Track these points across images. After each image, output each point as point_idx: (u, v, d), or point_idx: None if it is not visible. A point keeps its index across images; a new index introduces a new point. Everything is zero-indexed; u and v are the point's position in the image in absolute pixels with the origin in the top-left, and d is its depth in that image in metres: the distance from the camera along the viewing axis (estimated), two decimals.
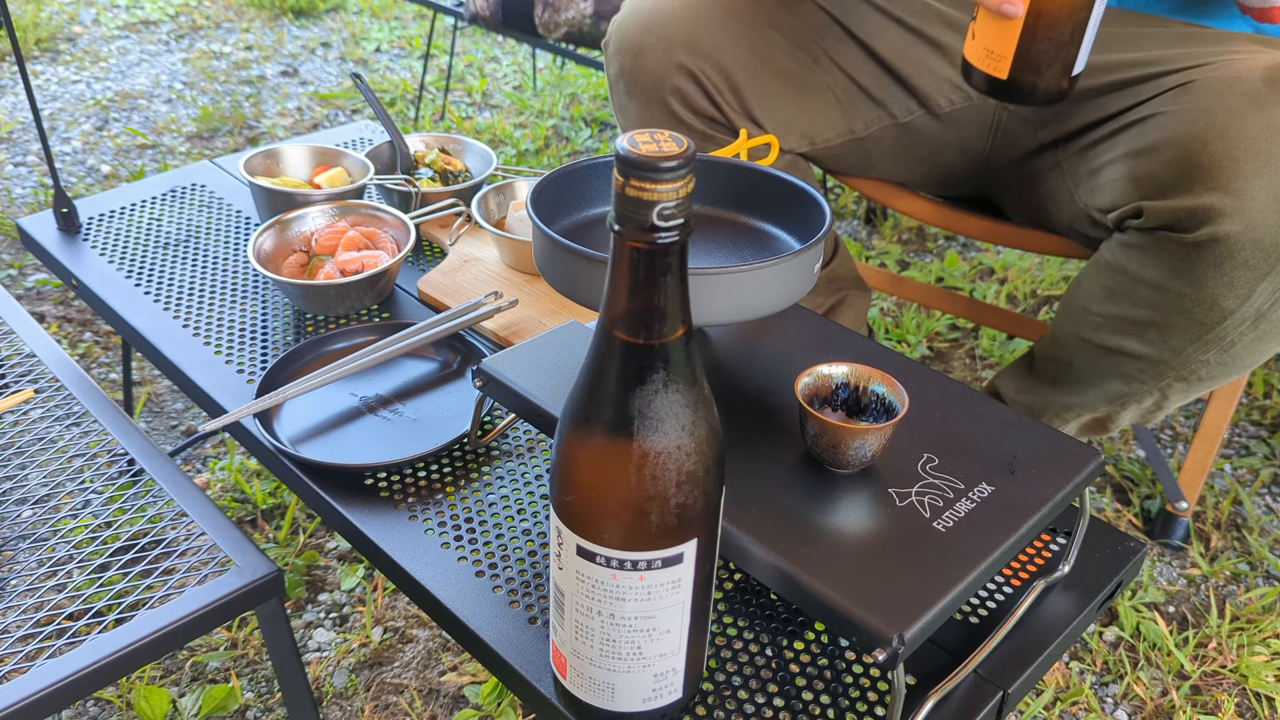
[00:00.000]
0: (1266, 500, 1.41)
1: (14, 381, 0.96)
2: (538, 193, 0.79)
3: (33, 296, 1.78)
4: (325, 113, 2.51)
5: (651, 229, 0.47)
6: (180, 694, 1.09)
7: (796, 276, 0.73)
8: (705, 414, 0.54)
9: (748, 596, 0.76)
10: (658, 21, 1.10)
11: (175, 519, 0.81)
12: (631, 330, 0.51)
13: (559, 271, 0.74)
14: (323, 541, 1.28)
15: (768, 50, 1.12)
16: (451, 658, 1.14)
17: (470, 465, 0.87)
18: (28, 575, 0.77)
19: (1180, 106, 0.91)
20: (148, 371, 1.59)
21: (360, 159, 1.22)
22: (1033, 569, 0.77)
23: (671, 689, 0.62)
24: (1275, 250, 0.84)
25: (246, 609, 0.76)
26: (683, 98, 1.11)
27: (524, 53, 2.86)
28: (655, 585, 0.56)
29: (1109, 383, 1.02)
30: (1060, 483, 0.68)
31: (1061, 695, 1.13)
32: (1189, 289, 0.88)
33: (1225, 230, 0.84)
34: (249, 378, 0.98)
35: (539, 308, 1.03)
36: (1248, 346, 0.91)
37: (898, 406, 0.68)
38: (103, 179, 2.15)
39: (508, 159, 2.26)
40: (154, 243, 1.19)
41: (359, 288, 1.04)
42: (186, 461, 1.41)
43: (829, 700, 0.68)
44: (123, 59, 2.78)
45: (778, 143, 1.06)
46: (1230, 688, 1.15)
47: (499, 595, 0.75)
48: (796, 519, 0.65)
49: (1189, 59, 0.95)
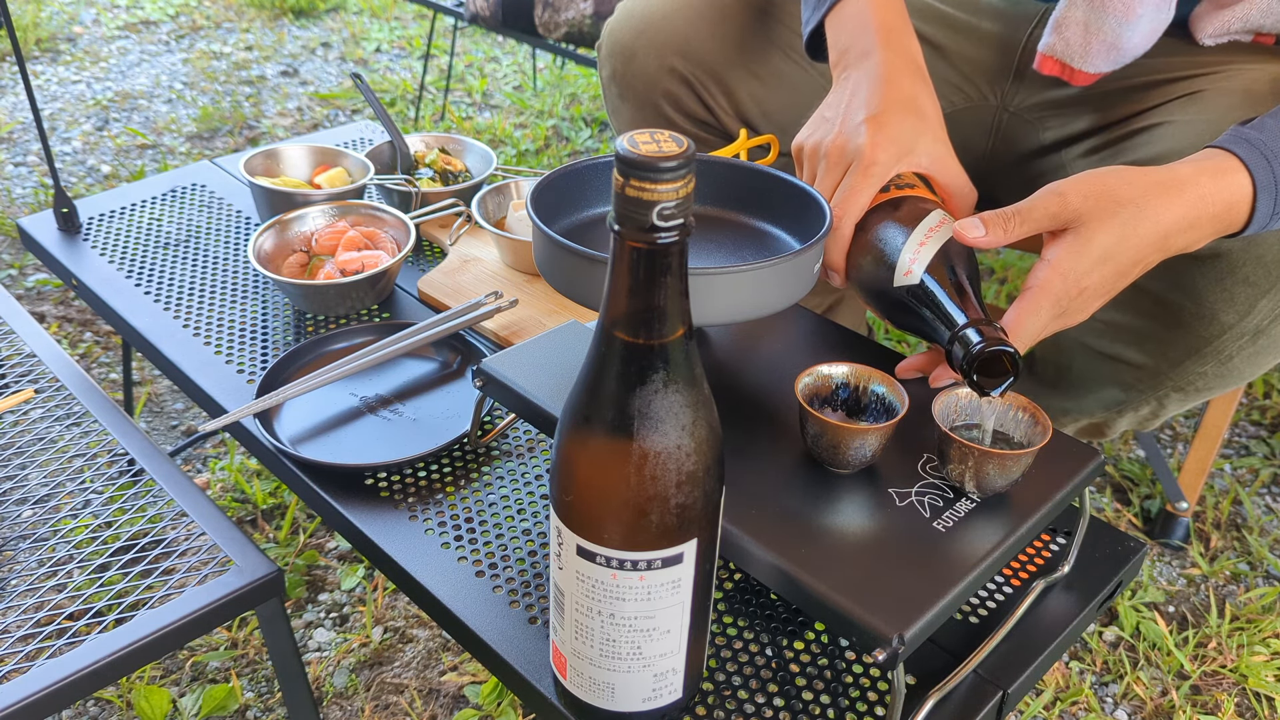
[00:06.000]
0: (1266, 500, 1.41)
1: (14, 381, 0.96)
2: (538, 193, 0.79)
3: (33, 296, 1.78)
4: (325, 113, 2.51)
5: (651, 229, 0.47)
6: (180, 694, 1.09)
7: (796, 276, 0.73)
8: (705, 414, 0.54)
9: (748, 596, 0.76)
10: (650, 25, 1.10)
11: (175, 519, 0.81)
12: (631, 330, 0.51)
13: (559, 271, 0.74)
14: (323, 541, 1.28)
15: (761, 53, 1.12)
16: (451, 658, 1.14)
17: (470, 465, 0.87)
18: (28, 575, 0.77)
19: (1188, 116, 0.91)
20: (148, 371, 1.59)
21: (360, 159, 1.22)
22: (1033, 569, 0.77)
23: (671, 689, 0.62)
24: (1276, 267, 0.83)
25: (246, 609, 0.76)
26: (675, 101, 1.11)
27: (524, 53, 2.86)
28: (655, 585, 0.56)
29: (1107, 389, 1.02)
30: (1060, 483, 0.68)
31: (1061, 695, 1.13)
32: (1189, 302, 0.88)
33: (1227, 245, 0.83)
34: (249, 378, 0.98)
35: (539, 308, 1.03)
36: (1246, 360, 0.91)
37: (898, 406, 0.68)
38: (103, 179, 2.15)
39: (508, 159, 2.26)
40: (154, 243, 1.19)
41: (359, 288, 1.04)
42: (186, 461, 1.41)
43: (829, 700, 0.68)
44: (123, 59, 2.78)
45: (778, 143, 1.07)
46: (1230, 688, 1.15)
47: (499, 595, 0.75)
48: (796, 519, 0.65)
49: (1197, 68, 0.95)
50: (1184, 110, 0.92)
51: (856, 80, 0.86)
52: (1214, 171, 0.74)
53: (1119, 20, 0.89)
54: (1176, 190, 0.73)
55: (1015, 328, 0.72)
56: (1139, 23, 0.89)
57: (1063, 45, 0.93)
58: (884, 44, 0.87)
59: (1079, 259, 0.71)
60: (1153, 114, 0.96)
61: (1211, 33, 0.93)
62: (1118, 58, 0.93)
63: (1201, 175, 0.74)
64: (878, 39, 0.87)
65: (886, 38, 0.87)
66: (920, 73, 0.87)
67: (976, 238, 0.74)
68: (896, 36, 0.88)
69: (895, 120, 0.83)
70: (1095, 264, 0.72)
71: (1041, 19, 1.04)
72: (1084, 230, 0.72)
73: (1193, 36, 0.95)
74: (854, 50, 0.88)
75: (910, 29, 0.90)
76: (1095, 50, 0.92)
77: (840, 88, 0.88)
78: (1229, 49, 0.95)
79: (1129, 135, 0.98)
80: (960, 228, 0.75)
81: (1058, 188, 0.73)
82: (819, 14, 0.93)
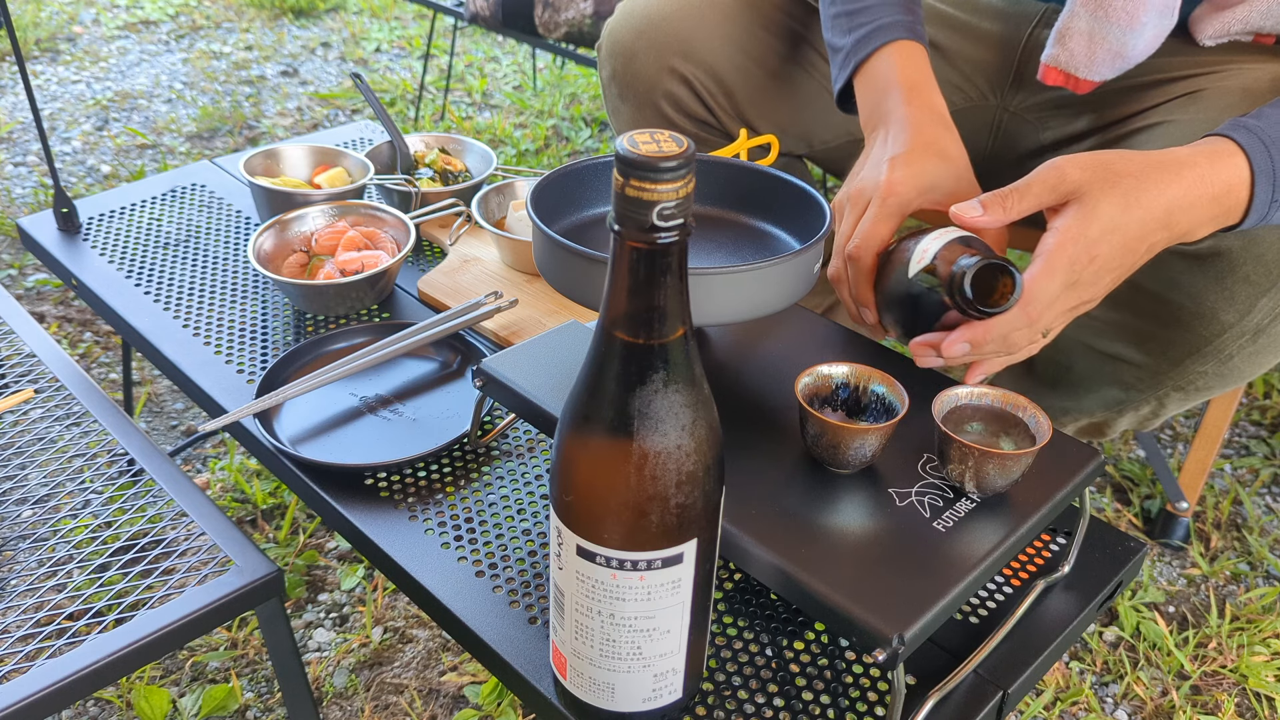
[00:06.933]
0: (1266, 500, 1.41)
1: (14, 381, 0.96)
2: (538, 193, 0.79)
3: (33, 296, 1.78)
4: (325, 113, 2.51)
5: (651, 229, 0.47)
6: (180, 694, 1.09)
7: (796, 276, 0.73)
8: (705, 414, 0.54)
9: (748, 596, 0.76)
10: (650, 25, 1.10)
11: (175, 519, 0.81)
12: (631, 330, 0.51)
13: (559, 271, 0.74)
14: (323, 541, 1.28)
15: (761, 53, 1.12)
16: (451, 658, 1.14)
17: (470, 465, 0.87)
18: (28, 575, 0.77)
19: (1187, 116, 0.91)
20: (148, 371, 1.59)
21: (360, 159, 1.22)
22: (1033, 569, 0.77)
23: (671, 689, 0.62)
24: (1276, 266, 0.83)
25: (246, 609, 0.76)
26: (675, 102, 1.11)
27: (524, 53, 2.86)
28: (655, 585, 0.56)
29: (1107, 389, 1.02)
30: (1060, 483, 0.68)
31: (1061, 695, 1.13)
32: (1189, 301, 0.88)
33: (1227, 245, 0.83)
34: (249, 378, 0.98)
35: (539, 308, 1.03)
36: (1246, 360, 0.91)
37: (898, 406, 0.68)
38: (103, 179, 2.15)
39: (508, 159, 2.26)
40: (154, 243, 1.19)
41: (359, 288, 1.04)
42: (186, 461, 1.41)
43: (829, 700, 0.68)
44: (123, 59, 2.78)
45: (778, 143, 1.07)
46: (1230, 688, 1.15)
47: (499, 595, 0.75)
48: (796, 519, 0.65)
49: (1198, 68, 0.95)
50: (1184, 109, 0.92)
51: (885, 134, 0.88)
52: (1211, 154, 0.74)
53: (1123, 29, 0.89)
54: (1175, 169, 0.73)
55: (1030, 291, 0.71)
56: (1143, 30, 0.89)
57: (1067, 56, 0.93)
58: (909, 101, 0.88)
59: (1087, 225, 0.71)
60: (1153, 113, 0.96)
61: (1211, 34, 0.93)
62: (1121, 65, 0.93)
63: (1199, 156, 0.74)
64: (903, 97, 0.88)
65: (910, 95, 0.88)
66: (944, 122, 0.88)
67: (974, 218, 0.74)
68: (920, 94, 0.89)
69: (917, 159, 0.83)
70: (1104, 232, 0.71)
71: (1042, 19, 1.04)
72: (1087, 199, 0.72)
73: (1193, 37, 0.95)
74: (881, 110, 0.90)
75: (934, 85, 0.91)
76: (1100, 59, 0.92)
77: (871, 144, 0.89)
78: (1229, 48, 0.95)
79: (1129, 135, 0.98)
80: (959, 210, 0.75)
81: (1055, 162, 0.73)
82: (846, 73, 0.95)
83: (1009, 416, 0.69)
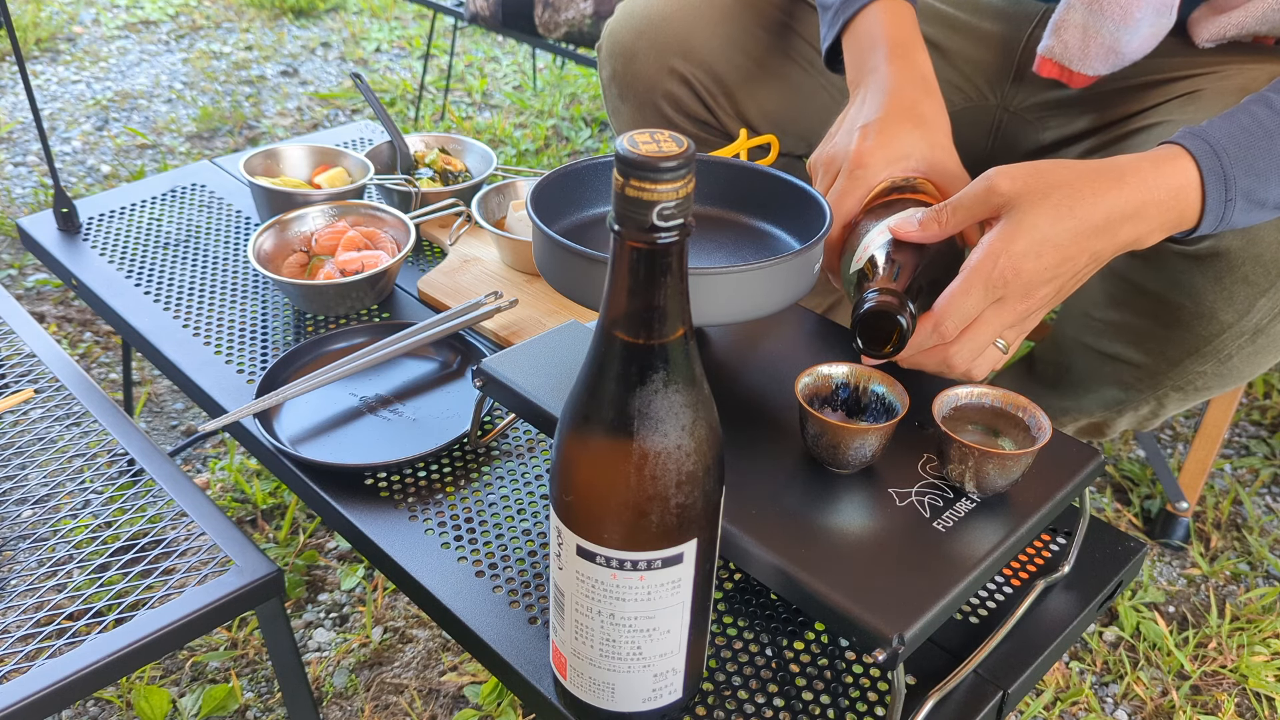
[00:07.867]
0: (1266, 500, 1.41)
1: (14, 381, 0.96)
2: (538, 193, 0.79)
3: (33, 296, 1.78)
4: (325, 113, 2.51)
5: (651, 229, 0.47)
6: (180, 694, 1.09)
7: (796, 276, 0.73)
8: (705, 414, 0.54)
9: (748, 596, 0.76)
10: (650, 25, 1.10)
11: (175, 519, 0.81)
12: (631, 330, 0.51)
13: (559, 271, 0.74)
14: (323, 541, 1.28)
15: (761, 54, 1.12)
16: (451, 658, 1.14)
17: (470, 465, 0.87)
18: (28, 575, 0.77)
19: (1186, 116, 0.91)
20: (148, 371, 1.59)
21: (360, 159, 1.22)
22: (1033, 569, 0.77)
23: (671, 689, 0.62)
24: (1275, 266, 0.83)
25: (246, 609, 0.76)
26: (675, 102, 1.11)
27: (524, 53, 2.86)
28: (655, 585, 0.56)
29: (1106, 389, 1.02)
30: (1060, 483, 0.68)
31: (1061, 695, 1.13)
32: (1188, 301, 0.88)
33: (1226, 245, 0.83)
34: (249, 378, 0.98)
35: (539, 308, 1.03)
36: (1245, 360, 0.91)
37: (898, 406, 0.68)
38: (103, 179, 2.15)
39: (508, 159, 2.26)
40: (154, 243, 1.19)
41: (359, 288, 1.04)
42: (186, 461, 1.41)
43: (829, 700, 0.68)
44: (123, 59, 2.78)
45: (778, 143, 1.07)
46: (1230, 688, 1.15)
47: (499, 595, 0.75)
48: (796, 519, 0.65)
49: (1196, 68, 0.95)
50: (1183, 110, 0.92)
51: (864, 95, 0.88)
52: (1154, 159, 0.74)
53: (1117, 24, 0.89)
54: (1115, 177, 0.73)
55: (945, 308, 0.72)
56: (1138, 27, 0.89)
57: (1061, 48, 0.93)
58: (892, 58, 0.88)
59: (1010, 241, 0.71)
60: (1151, 114, 0.96)
61: (1209, 37, 0.93)
62: (1116, 61, 0.93)
63: (1142, 163, 0.74)
64: (887, 54, 0.88)
65: (894, 53, 0.88)
66: (925, 83, 0.88)
67: (909, 232, 0.75)
68: (905, 51, 0.89)
69: (890, 126, 0.83)
70: (1031, 246, 0.71)
71: (1042, 19, 1.04)
72: (1015, 214, 0.72)
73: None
74: (865, 67, 0.90)
75: (920, 43, 0.90)
76: (1094, 53, 0.92)
77: (851, 103, 0.90)
78: (1228, 49, 0.95)
79: (1128, 135, 0.98)
80: (897, 226, 0.75)
81: (989, 174, 0.74)
82: (834, 30, 0.95)
83: (1009, 416, 0.69)
